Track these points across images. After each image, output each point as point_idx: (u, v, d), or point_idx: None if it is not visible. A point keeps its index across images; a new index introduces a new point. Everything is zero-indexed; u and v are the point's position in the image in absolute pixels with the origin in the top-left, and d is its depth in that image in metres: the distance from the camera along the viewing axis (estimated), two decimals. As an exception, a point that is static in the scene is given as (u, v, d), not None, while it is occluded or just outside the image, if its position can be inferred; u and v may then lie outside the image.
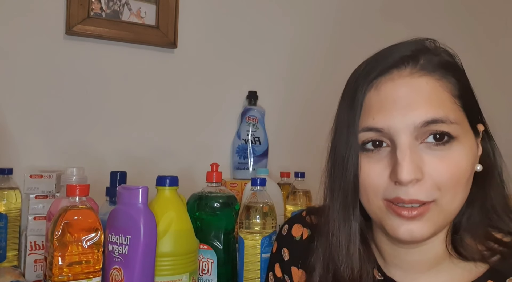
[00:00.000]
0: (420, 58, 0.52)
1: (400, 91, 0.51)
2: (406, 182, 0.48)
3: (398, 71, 0.52)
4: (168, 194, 0.71)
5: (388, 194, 0.51)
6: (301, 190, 1.12)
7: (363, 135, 0.52)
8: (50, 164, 1.07)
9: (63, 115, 1.11)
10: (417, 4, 1.63)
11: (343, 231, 0.56)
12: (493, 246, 0.54)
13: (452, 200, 0.51)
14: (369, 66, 0.54)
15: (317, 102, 1.39)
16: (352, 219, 0.56)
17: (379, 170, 0.51)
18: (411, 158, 0.49)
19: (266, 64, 1.37)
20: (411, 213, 0.50)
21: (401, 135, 0.50)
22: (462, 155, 0.50)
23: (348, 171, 0.53)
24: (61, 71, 1.11)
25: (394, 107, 0.50)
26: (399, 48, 0.54)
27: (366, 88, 0.53)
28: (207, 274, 0.79)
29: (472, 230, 0.55)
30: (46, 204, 0.87)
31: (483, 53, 1.77)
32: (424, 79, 0.51)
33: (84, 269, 0.60)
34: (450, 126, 0.50)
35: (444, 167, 0.49)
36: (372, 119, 0.51)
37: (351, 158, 0.53)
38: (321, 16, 1.46)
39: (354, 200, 0.55)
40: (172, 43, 1.22)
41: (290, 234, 0.69)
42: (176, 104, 1.25)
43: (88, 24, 1.12)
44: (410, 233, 0.50)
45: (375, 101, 0.52)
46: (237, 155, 1.28)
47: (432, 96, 0.50)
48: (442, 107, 0.50)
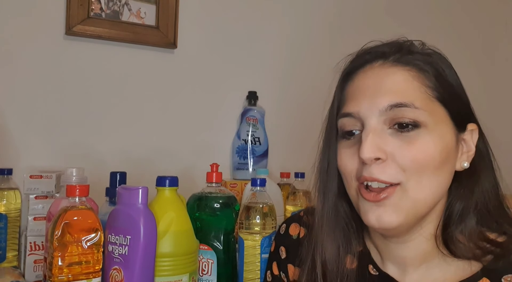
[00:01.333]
0: (392, 54, 0.56)
1: (369, 80, 0.56)
2: (366, 159, 0.52)
3: (371, 64, 0.57)
4: (168, 194, 0.71)
5: (358, 174, 0.55)
6: (301, 190, 1.12)
7: (340, 122, 0.57)
8: (50, 164, 1.07)
9: (63, 116, 1.11)
10: (416, 5, 1.63)
11: (321, 213, 0.60)
12: (486, 245, 0.54)
13: (418, 185, 0.52)
14: (348, 63, 0.61)
15: (317, 103, 1.39)
16: (336, 208, 0.60)
17: (352, 153, 0.55)
18: (373, 137, 0.52)
19: (266, 64, 1.37)
20: (376, 197, 0.52)
21: (368, 119, 0.54)
22: (428, 141, 0.52)
23: (331, 160, 0.59)
24: (61, 71, 1.11)
25: (364, 94, 0.55)
26: (376, 47, 0.59)
27: (346, 83, 0.59)
28: (207, 275, 0.78)
29: (464, 228, 0.55)
30: (46, 204, 0.87)
31: (483, 54, 1.77)
32: (393, 70, 0.55)
33: (84, 270, 0.60)
34: (414, 112, 0.52)
35: (407, 150, 0.52)
36: (347, 106, 0.57)
37: (333, 148, 0.59)
38: (321, 17, 1.46)
39: (332, 182, 0.60)
40: (172, 44, 1.22)
41: (287, 233, 0.71)
42: (176, 104, 1.25)
43: (88, 25, 1.12)
44: (378, 219, 0.53)
45: (351, 91, 0.58)
46: (237, 155, 1.28)
47: (400, 83, 0.54)
48: (408, 93, 0.53)
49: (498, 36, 1.83)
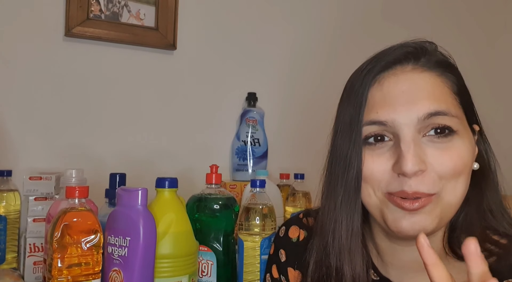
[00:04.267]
0: (421, 56, 0.54)
1: (403, 86, 0.52)
2: (411, 174, 0.49)
3: (401, 66, 0.54)
4: (168, 196, 0.71)
5: (392, 188, 0.51)
6: (300, 192, 1.12)
7: (367, 129, 0.53)
8: (49, 165, 1.07)
9: (62, 117, 1.11)
10: (416, 5, 1.64)
11: (345, 228, 0.56)
12: (489, 247, 0.54)
13: (453, 191, 0.51)
14: (372, 63, 0.55)
15: (316, 104, 1.39)
16: (354, 214, 0.55)
17: (382, 162, 0.52)
18: (415, 150, 0.49)
19: (265, 65, 1.37)
20: (412, 205, 0.50)
21: (405, 129, 0.50)
22: (463, 147, 0.51)
23: (351, 165, 0.53)
24: (60, 73, 1.11)
25: (398, 101, 0.51)
26: (401, 46, 0.55)
27: (370, 84, 0.54)
28: (207, 276, 0.78)
29: (468, 230, 0.55)
30: (45, 206, 0.87)
31: (482, 54, 1.77)
32: (426, 75, 0.53)
33: (83, 271, 0.60)
34: (451, 120, 0.51)
35: (446, 157, 0.50)
36: (376, 113, 0.52)
37: (354, 152, 0.53)
38: (321, 18, 1.46)
39: (356, 196, 0.55)
40: (171, 45, 1.22)
41: (287, 235, 0.70)
42: (176, 105, 1.25)
43: (88, 26, 1.12)
44: (413, 226, 0.51)
45: (379, 96, 0.53)
46: (236, 156, 1.28)
47: (435, 90, 0.52)
48: (444, 101, 0.51)
49: (497, 37, 1.83)
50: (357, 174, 0.53)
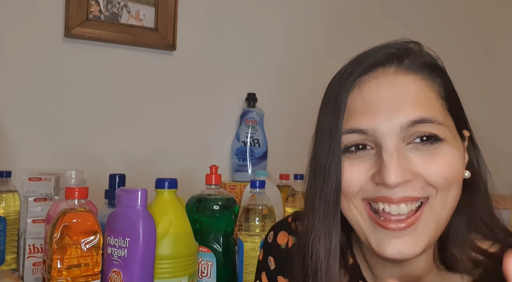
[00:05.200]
0: (404, 57, 0.50)
1: (385, 91, 0.48)
2: (393, 185, 0.45)
3: (383, 69, 0.49)
4: (167, 197, 0.71)
5: (370, 194, 0.48)
6: (300, 192, 1.12)
7: (346, 138, 0.49)
8: (49, 166, 1.07)
9: (62, 118, 1.11)
10: (414, 6, 1.64)
11: (323, 244, 0.52)
12: (477, 257, 0.51)
13: (444, 202, 0.47)
14: (352, 66, 0.51)
15: (316, 104, 1.39)
16: (333, 232, 0.52)
17: (361, 171, 0.48)
18: (398, 160, 0.46)
19: (265, 66, 1.37)
20: (398, 225, 0.46)
21: (387, 138, 0.46)
22: (452, 155, 0.47)
23: (330, 178, 0.50)
24: (60, 73, 1.11)
25: (380, 109, 0.47)
26: (383, 47, 0.51)
27: (349, 88, 0.50)
28: (207, 277, 0.78)
29: (457, 240, 0.52)
30: (45, 206, 0.86)
31: (481, 55, 1.77)
32: (410, 78, 0.48)
33: (83, 272, 0.60)
34: (438, 128, 0.47)
35: (435, 165, 0.46)
36: (356, 120, 0.48)
37: (333, 164, 0.49)
38: (320, 19, 1.47)
39: (335, 210, 0.51)
40: (171, 46, 1.22)
41: (275, 242, 0.66)
42: (175, 106, 1.25)
43: (87, 27, 1.12)
44: (400, 252, 0.47)
45: (359, 101, 0.49)
46: (236, 157, 1.28)
47: (420, 95, 0.48)
48: (430, 107, 0.47)
49: (496, 37, 1.83)
50: (336, 187, 0.50)
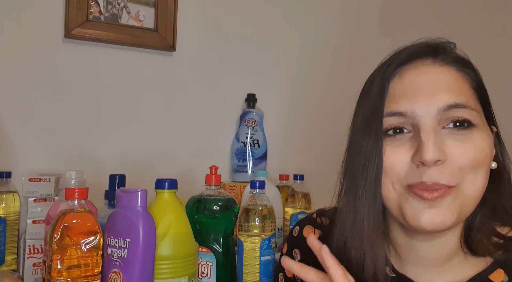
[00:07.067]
0: (440, 52, 0.56)
1: (423, 78, 0.53)
2: (430, 162, 0.49)
3: (421, 60, 0.55)
4: (167, 197, 0.71)
5: (412, 179, 0.51)
6: (300, 193, 1.12)
7: (387, 121, 0.54)
8: (49, 167, 1.07)
9: (61, 119, 1.11)
10: (413, 5, 1.64)
11: (367, 218, 0.55)
12: (498, 241, 0.55)
13: (472, 184, 0.51)
14: (392, 58, 0.57)
15: (316, 104, 1.39)
16: (376, 206, 0.55)
17: (402, 153, 0.52)
18: (435, 138, 0.50)
19: (264, 66, 1.37)
20: (431, 195, 0.50)
21: (425, 119, 0.51)
22: (483, 140, 0.52)
23: (372, 158, 0.53)
24: (59, 74, 1.11)
25: (418, 92, 0.52)
26: (421, 42, 0.57)
27: (391, 76, 0.55)
28: (207, 277, 0.78)
29: (482, 227, 0.56)
30: (44, 207, 0.86)
31: (480, 55, 1.77)
32: (446, 68, 0.54)
33: (83, 273, 0.60)
34: (471, 113, 0.52)
35: (466, 149, 0.51)
36: (396, 104, 0.53)
37: (375, 144, 0.53)
38: (319, 19, 1.47)
39: (377, 189, 0.54)
40: (171, 46, 1.22)
41: (301, 235, 0.70)
42: (175, 107, 1.25)
43: (87, 28, 1.12)
44: (432, 220, 0.51)
45: (399, 87, 0.54)
46: (236, 157, 1.28)
47: (454, 83, 0.53)
48: (464, 94, 0.53)
49: (496, 37, 1.83)
50: (377, 166, 0.53)
